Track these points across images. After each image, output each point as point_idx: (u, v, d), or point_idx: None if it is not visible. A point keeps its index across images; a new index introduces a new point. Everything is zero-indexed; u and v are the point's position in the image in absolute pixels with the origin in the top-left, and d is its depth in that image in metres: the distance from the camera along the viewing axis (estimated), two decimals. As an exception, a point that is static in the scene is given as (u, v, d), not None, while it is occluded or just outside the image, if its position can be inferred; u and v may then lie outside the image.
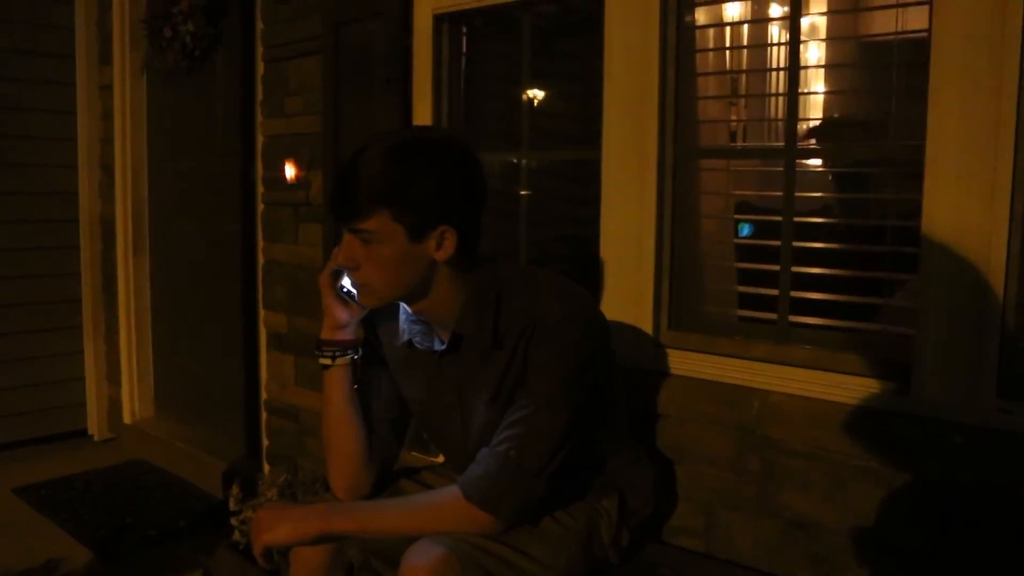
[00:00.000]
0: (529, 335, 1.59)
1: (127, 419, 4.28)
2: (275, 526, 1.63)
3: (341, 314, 1.73)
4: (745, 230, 2.27)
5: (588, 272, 2.33)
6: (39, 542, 3.14)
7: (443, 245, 1.56)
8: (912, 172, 1.84)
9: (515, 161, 2.66)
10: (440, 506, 1.61)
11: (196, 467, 3.73)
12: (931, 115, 1.76)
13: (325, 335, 1.75)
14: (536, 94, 2.64)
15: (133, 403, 4.28)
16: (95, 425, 4.41)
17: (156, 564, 3.00)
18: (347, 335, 1.75)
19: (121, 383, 4.29)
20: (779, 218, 2.06)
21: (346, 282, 1.71)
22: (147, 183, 4.22)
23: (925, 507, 1.80)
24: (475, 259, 1.64)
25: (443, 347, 1.68)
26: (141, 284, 4.25)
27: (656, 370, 2.20)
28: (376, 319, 1.80)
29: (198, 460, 3.74)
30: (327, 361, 1.75)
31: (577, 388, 1.60)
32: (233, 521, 2.69)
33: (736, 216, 2.27)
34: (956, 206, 1.74)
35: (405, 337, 1.73)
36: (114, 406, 4.38)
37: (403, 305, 1.72)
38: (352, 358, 1.76)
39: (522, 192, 2.64)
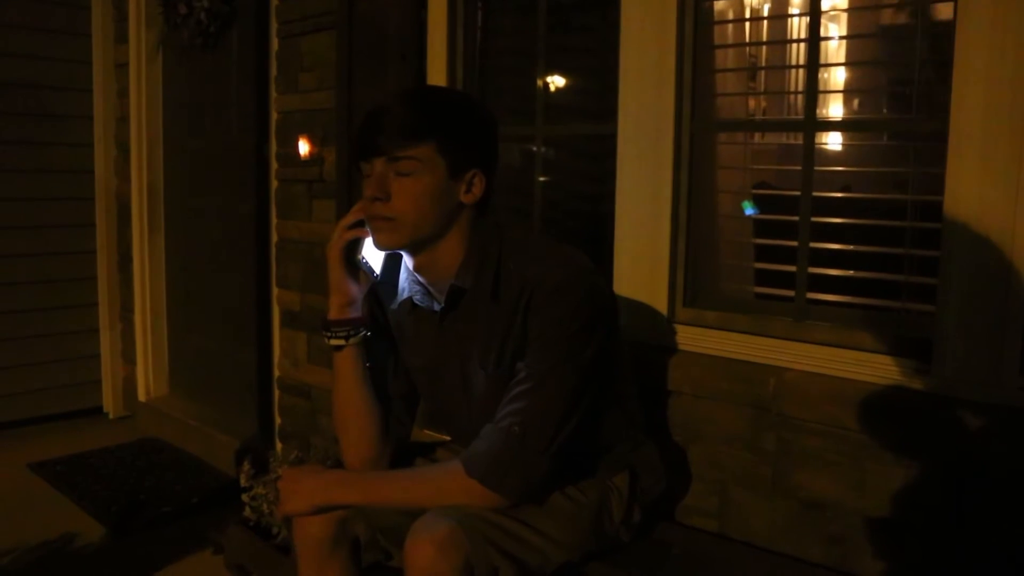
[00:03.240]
0: (527, 299, 1.57)
1: (142, 397, 4.30)
2: (289, 498, 1.66)
3: (352, 289, 1.69)
4: (749, 209, 2.23)
5: (603, 248, 2.30)
6: (54, 517, 3.15)
7: (472, 189, 1.59)
8: (935, 146, 1.80)
9: (530, 136, 2.62)
10: (443, 481, 1.59)
11: (209, 445, 3.74)
12: (956, 88, 1.72)
13: (335, 315, 1.70)
14: (552, 68, 2.60)
15: (148, 381, 4.29)
16: (110, 403, 4.43)
17: (169, 540, 3.00)
18: (356, 312, 1.71)
19: (136, 361, 4.30)
20: (797, 193, 2.02)
21: (366, 251, 1.67)
22: (162, 161, 4.22)
23: (945, 487, 1.76)
24: (487, 215, 1.65)
25: (442, 307, 1.66)
26: (156, 262, 4.25)
27: (670, 347, 2.17)
28: (378, 288, 1.78)
29: (211, 438, 3.75)
30: (340, 342, 1.70)
31: (580, 357, 1.57)
32: (244, 497, 2.68)
33: (754, 191, 2.23)
34: (980, 180, 1.69)
35: (405, 295, 1.71)
36: (129, 384, 4.40)
37: (404, 264, 1.70)
38: (365, 335, 1.73)
39: (537, 167, 2.60)
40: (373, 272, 1.69)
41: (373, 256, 1.68)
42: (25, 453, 3.77)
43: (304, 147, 3.19)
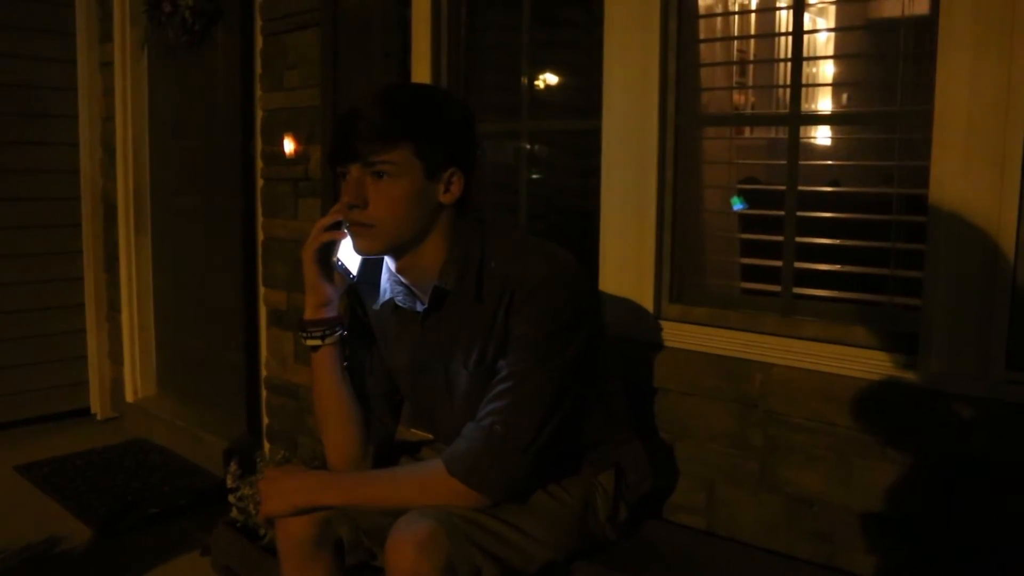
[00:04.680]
0: (509, 299, 1.55)
1: (129, 398, 4.27)
2: (270, 499, 1.65)
3: (327, 289, 1.69)
4: (737, 205, 2.21)
5: (588, 245, 2.28)
6: (40, 519, 3.13)
7: (451, 188, 1.57)
8: (920, 139, 1.79)
9: (516, 132, 2.60)
10: (425, 481, 1.57)
11: (197, 446, 3.72)
12: (940, 79, 1.70)
13: (310, 315, 1.71)
14: (537, 64, 2.59)
15: (135, 382, 4.26)
16: (97, 404, 4.40)
17: (156, 542, 2.98)
18: (332, 312, 1.72)
19: (123, 362, 4.27)
20: (783, 187, 2.01)
21: (342, 253, 1.66)
22: (148, 160, 4.19)
23: (932, 481, 1.75)
24: (468, 213, 1.63)
25: (425, 307, 1.64)
26: (143, 262, 4.22)
27: (656, 344, 2.15)
28: (359, 288, 1.77)
29: (199, 439, 3.72)
30: (316, 342, 1.71)
31: (562, 355, 1.56)
32: (231, 498, 2.66)
33: (739, 186, 2.22)
34: (965, 173, 1.68)
35: (387, 296, 1.69)
36: (116, 385, 4.37)
37: (386, 264, 1.69)
38: (341, 335, 1.72)
39: (522, 164, 2.59)
40: (349, 274, 1.68)
41: (349, 257, 1.67)
42: (11, 455, 3.74)
43: (289, 145, 3.17)
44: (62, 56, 4.21)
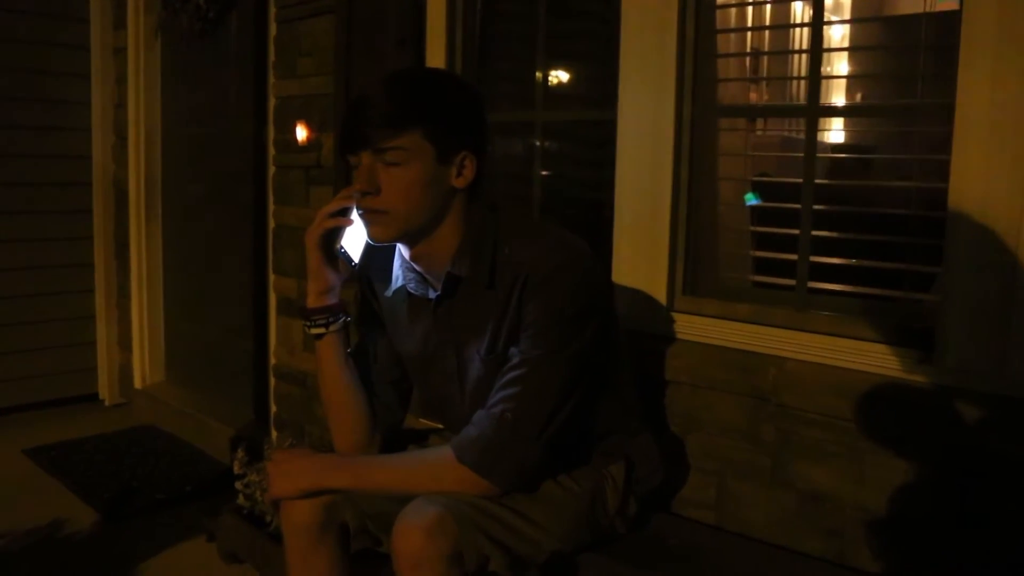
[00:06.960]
0: (522, 286, 1.54)
1: (138, 384, 4.28)
2: (277, 481, 1.64)
3: (329, 276, 1.68)
4: (753, 200, 2.19)
5: (601, 236, 2.27)
6: (47, 503, 3.14)
7: (463, 172, 1.55)
8: (940, 133, 1.76)
9: (530, 122, 2.59)
10: (434, 467, 1.56)
11: (205, 433, 3.72)
12: (962, 74, 1.68)
13: (313, 302, 1.70)
14: (552, 53, 2.56)
15: (144, 368, 4.28)
16: (106, 390, 4.41)
17: (161, 527, 2.98)
18: (334, 299, 1.71)
19: (132, 348, 4.28)
20: (800, 180, 1.98)
21: (345, 240, 1.65)
22: (160, 147, 4.19)
23: (947, 479, 1.73)
24: (480, 198, 1.61)
25: (437, 294, 1.63)
26: (153, 249, 4.23)
27: (669, 336, 2.14)
28: (370, 273, 1.75)
29: (207, 426, 3.72)
30: (320, 330, 1.70)
31: (574, 344, 1.54)
32: (237, 485, 2.65)
33: (754, 178, 2.20)
34: (987, 167, 1.65)
35: (399, 283, 1.68)
36: (125, 371, 4.38)
37: (399, 251, 1.67)
38: (344, 322, 1.71)
39: (536, 154, 2.57)
40: (352, 262, 1.66)
41: (353, 245, 1.65)
42: (20, 439, 3.75)
43: (302, 133, 3.16)
44: (75, 42, 4.21)
